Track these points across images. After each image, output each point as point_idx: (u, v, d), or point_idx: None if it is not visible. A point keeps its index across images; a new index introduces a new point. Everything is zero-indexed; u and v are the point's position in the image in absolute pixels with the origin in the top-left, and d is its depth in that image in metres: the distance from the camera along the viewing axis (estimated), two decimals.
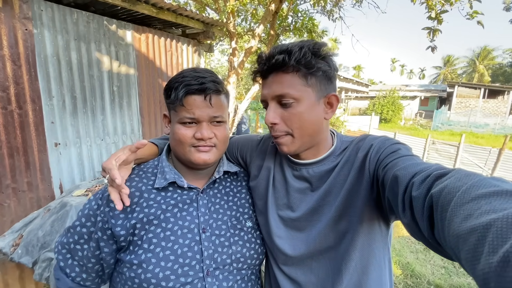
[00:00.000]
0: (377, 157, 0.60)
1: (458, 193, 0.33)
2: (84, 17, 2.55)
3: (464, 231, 0.29)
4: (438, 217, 0.35)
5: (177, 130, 0.68)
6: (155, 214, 0.67)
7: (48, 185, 2.38)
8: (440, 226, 0.35)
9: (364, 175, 0.62)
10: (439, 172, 0.41)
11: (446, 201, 0.34)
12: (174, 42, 3.51)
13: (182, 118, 0.67)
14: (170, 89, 0.68)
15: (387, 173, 0.53)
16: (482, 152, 8.48)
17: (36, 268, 1.76)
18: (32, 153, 2.26)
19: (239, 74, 4.39)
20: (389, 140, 0.62)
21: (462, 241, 0.29)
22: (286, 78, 0.62)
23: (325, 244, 0.67)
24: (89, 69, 2.62)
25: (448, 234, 0.32)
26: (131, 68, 3.00)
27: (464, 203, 0.31)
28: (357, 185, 0.63)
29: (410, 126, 19.00)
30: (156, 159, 0.79)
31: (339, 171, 0.66)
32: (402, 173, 0.47)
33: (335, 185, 0.66)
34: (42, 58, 2.28)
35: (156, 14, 2.98)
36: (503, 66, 31.02)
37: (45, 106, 2.32)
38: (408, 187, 0.44)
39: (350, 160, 0.66)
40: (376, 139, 0.65)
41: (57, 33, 2.37)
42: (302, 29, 4.44)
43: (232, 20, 4.04)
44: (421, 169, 0.45)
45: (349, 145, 0.69)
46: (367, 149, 0.63)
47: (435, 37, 2.88)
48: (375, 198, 0.61)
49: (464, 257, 0.28)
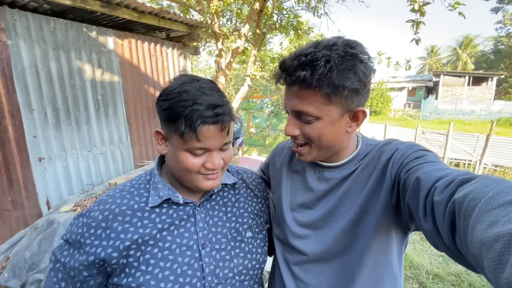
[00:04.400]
0: (401, 160, 0.58)
1: (483, 199, 0.32)
2: (61, 25, 2.45)
3: (489, 238, 0.28)
4: (461, 223, 0.34)
5: (184, 158, 0.61)
6: (151, 234, 0.63)
7: (34, 202, 2.29)
8: (462, 232, 0.34)
9: (385, 179, 0.60)
10: (464, 178, 0.39)
11: (470, 207, 0.33)
12: (158, 46, 3.43)
13: (193, 148, 0.60)
14: (176, 115, 0.58)
15: (409, 176, 0.52)
16: (471, 139, 8.67)
17: None
18: (14, 169, 2.17)
19: (227, 75, 4.34)
20: (416, 146, 0.60)
21: (486, 249, 0.28)
22: (307, 94, 0.58)
23: (340, 247, 0.66)
24: (71, 78, 2.53)
25: (471, 241, 0.31)
26: (115, 75, 2.91)
27: (490, 210, 0.30)
28: (378, 189, 0.61)
29: (399, 117, 19.29)
30: (148, 172, 0.73)
31: (359, 173, 0.66)
32: (426, 177, 0.46)
33: (355, 187, 0.65)
34: (19, 70, 2.18)
35: (138, 19, 2.90)
36: (485, 53, 31.81)
37: (25, 120, 2.22)
38: (431, 191, 0.43)
39: (372, 162, 0.65)
40: (402, 143, 0.63)
41: (34, 43, 2.27)
42: (288, 27, 4.41)
43: (217, 21, 3.98)
44: (446, 174, 0.44)
45: (373, 149, 0.68)
46: (391, 152, 0.62)
47: (418, 29, 2.91)
48: (394, 204, 0.59)
49: (488, 265, 0.27)
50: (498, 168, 8.12)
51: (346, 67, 0.55)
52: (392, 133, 10.54)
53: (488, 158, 8.07)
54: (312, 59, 0.54)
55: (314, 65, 0.54)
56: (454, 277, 2.95)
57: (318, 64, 0.53)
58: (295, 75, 0.56)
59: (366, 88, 0.59)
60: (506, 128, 14.94)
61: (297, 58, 0.56)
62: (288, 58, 0.59)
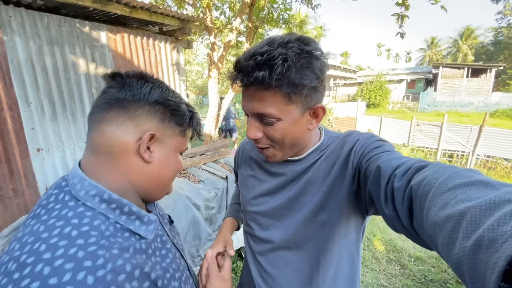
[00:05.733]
0: (362, 150, 0.61)
1: (435, 184, 0.35)
2: (55, 20, 2.55)
3: (441, 218, 0.30)
4: (417, 207, 0.37)
5: (179, 159, 0.58)
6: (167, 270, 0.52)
7: (34, 190, 2.42)
8: (418, 215, 0.36)
9: (348, 168, 0.62)
10: (419, 165, 0.42)
11: (424, 191, 0.36)
12: (151, 40, 3.52)
13: (183, 150, 0.59)
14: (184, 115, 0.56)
15: (370, 165, 0.54)
16: (464, 130, 8.77)
17: None
18: (14, 159, 2.29)
19: (220, 68, 4.42)
20: (374, 136, 0.64)
21: (439, 228, 0.30)
22: (266, 96, 0.56)
23: (304, 235, 0.68)
24: (65, 73, 2.63)
25: (426, 222, 0.34)
26: (109, 69, 3.01)
27: (441, 193, 0.33)
28: (341, 177, 0.63)
29: (398, 110, 19.31)
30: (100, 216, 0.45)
31: (322, 162, 0.67)
32: (385, 165, 0.48)
33: (318, 175, 0.67)
34: (15, 64, 2.29)
35: (130, 14, 2.98)
36: (485, 45, 31.58)
37: (23, 113, 2.34)
38: (391, 178, 0.46)
39: (335, 152, 0.66)
40: (362, 134, 0.66)
41: (29, 39, 2.37)
42: (279, 21, 4.47)
43: (209, 14, 4.04)
44: (403, 162, 0.47)
45: (335, 140, 0.69)
46: (353, 143, 0.64)
47: (403, 23, 2.98)
48: (354, 191, 0.62)
49: (440, 243, 0.30)
50: (490, 158, 8.26)
51: (303, 65, 0.54)
52: (387, 125, 10.64)
53: (480, 149, 8.19)
54: (268, 58, 0.52)
55: (272, 65, 0.52)
56: (435, 259, 3.12)
57: (275, 63, 0.52)
58: (252, 76, 0.53)
59: (323, 85, 0.60)
60: (503, 119, 15.00)
61: (253, 58, 0.53)
62: (242, 57, 0.56)
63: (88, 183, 0.47)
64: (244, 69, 0.55)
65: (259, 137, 0.63)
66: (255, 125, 0.62)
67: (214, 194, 2.58)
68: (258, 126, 0.62)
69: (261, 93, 0.56)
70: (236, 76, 0.57)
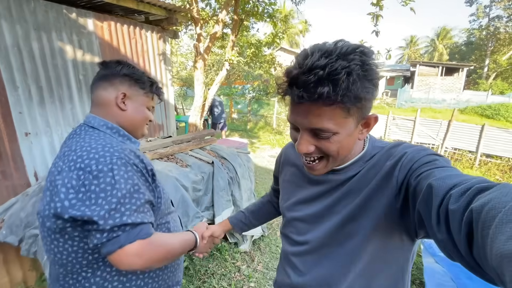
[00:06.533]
0: (409, 165, 0.56)
1: (504, 209, 0.30)
2: (41, 6, 2.56)
3: (511, 251, 0.27)
4: (479, 234, 0.33)
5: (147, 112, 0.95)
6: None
7: (22, 173, 2.47)
8: (481, 244, 0.32)
9: (390, 183, 0.58)
10: (482, 186, 0.38)
11: (489, 217, 0.32)
12: (137, 29, 3.56)
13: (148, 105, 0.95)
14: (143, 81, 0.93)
15: (420, 182, 0.50)
16: (435, 125, 9.45)
17: (23, 245, 1.92)
18: (2, 143, 2.33)
19: (205, 59, 4.52)
20: (426, 150, 0.58)
21: (508, 261, 0.27)
22: (325, 111, 0.53)
23: (333, 241, 0.68)
24: (52, 58, 2.66)
25: (490, 253, 0.30)
26: (96, 56, 3.05)
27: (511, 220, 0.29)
28: (379, 192, 0.60)
29: (377, 105, 20.08)
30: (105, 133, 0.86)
31: (363, 175, 0.64)
32: (439, 183, 0.44)
33: (356, 188, 0.64)
34: (2, 48, 2.31)
35: (117, 2, 3.02)
36: (459, 45, 33.31)
37: (10, 97, 2.37)
38: (445, 199, 0.41)
39: (378, 165, 0.63)
40: (411, 147, 0.60)
41: (15, 23, 2.38)
42: (263, 14, 4.62)
43: (195, 5, 4.11)
44: (461, 180, 0.42)
45: (379, 151, 0.65)
46: (399, 156, 0.59)
47: (378, 21, 3.24)
48: (399, 209, 0.57)
49: (510, 280, 0.27)
50: (457, 151, 8.98)
51: (366, 77, 0.52)
52: None
53: (449, 142, 8.87)
54: (330, 72, 0.48)
55: (336, 79, 0.49)
56: None
57: (339, 78, 0.48)
58: (315, 92, 0.50)
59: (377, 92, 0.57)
60: (471, 116, 16.10)
61: (313, 72, 0.49)
62: (298, 71, 0.51)
63: (98, 119, 0.85)
64: (305, 85, 0.50)
65: (312, 151, 0.60)
66: (308, 139, 0.59)
67: (201, 177, 2.75)
68: (310, 140, 0.59)
69: (320, 108, 0.53)
70: (293, 91, 0.53)
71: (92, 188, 0.71)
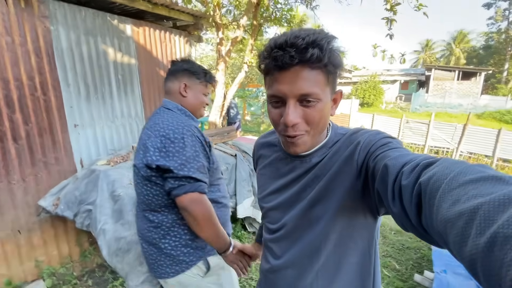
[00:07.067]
0: (367, 148, 0.60)
1: (445, 180, 0.34)
2: (90, 14, 2.92)
3: (452, 215, 0.29)
4: (426, 204, 0.36)
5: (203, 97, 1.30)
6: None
7: (71, 160, 2.82)
8: (428, 212, 0.36)
9: (352, 166, 0.62)
10: (427, 161, 0.42)
11: (434, 188, 0.35)
12: (167, 34, 3.90)
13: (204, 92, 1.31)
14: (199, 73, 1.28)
15: (377, 163, 0.54)
16: (449, 128, 9.36)
17: (77, 218, 2.23)
18: (56, 132, 2.68)
19: (227, 62, 4.83)
20: (381, 133, 0.63)
21: (450, 225, 0.29)
22: (312, 75, 0.57)
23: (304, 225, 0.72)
24: (98, 60, 3.02)
25: (436, 219, 0.33)
26: (132, 58, 3.40)
27: (452, 189, 0.32)
28: (342, 175, 0.64)
29: (391, 110, 19.92)
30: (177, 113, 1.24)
31: (326, 160, 0.68)
32: (393, 163, 0.48)
33: (320, 174, 0.68)
34: (59, 51, 2.67)
35: (152, 10, 3.37)
36: (476, 49, 32.54)
37: (64, 93, 2.73)
38: (398, 176, 0.45)
39: (340, 151, 0.67)
40: (368, 132, 0.65)
41: (70, 29, 2.74)
42: (282, 20, 4.90)
43: (218, 12, 4.44)
44: (411, 159, 0.46)
45: (341, 138, 0.70)
46: (357, 141, 0.64)
47: (392, 26, 3.43)
48: (360, 190, 0.62)
49: (452, 240, 0.29)
50: (473, 155, 8.87)
51: (338, 49, 0.58)
52: (379, 122, 11.20)
53: (464, 146, 8.79)
54: (314, 39, 0.54)
55: (320, 45, 0.54)
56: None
57: (323, 43, 0.54)
58: (307, 51, 0.54)
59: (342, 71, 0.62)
60: (489, 121, 15.74)
61: (301, 38, 0.54)
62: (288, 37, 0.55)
63: (171, 103, 1.24)
64: (297, 46, 0.54)
65: (299, 122, 0.61)
66: (295, 108, 0.60)
67: (225, 167, 3.02)
68: (297, 109, 0.60)
69: (308, 73, 0.56)
70: (284, 55, 0.55)
71: (170, 149, 1.06)
